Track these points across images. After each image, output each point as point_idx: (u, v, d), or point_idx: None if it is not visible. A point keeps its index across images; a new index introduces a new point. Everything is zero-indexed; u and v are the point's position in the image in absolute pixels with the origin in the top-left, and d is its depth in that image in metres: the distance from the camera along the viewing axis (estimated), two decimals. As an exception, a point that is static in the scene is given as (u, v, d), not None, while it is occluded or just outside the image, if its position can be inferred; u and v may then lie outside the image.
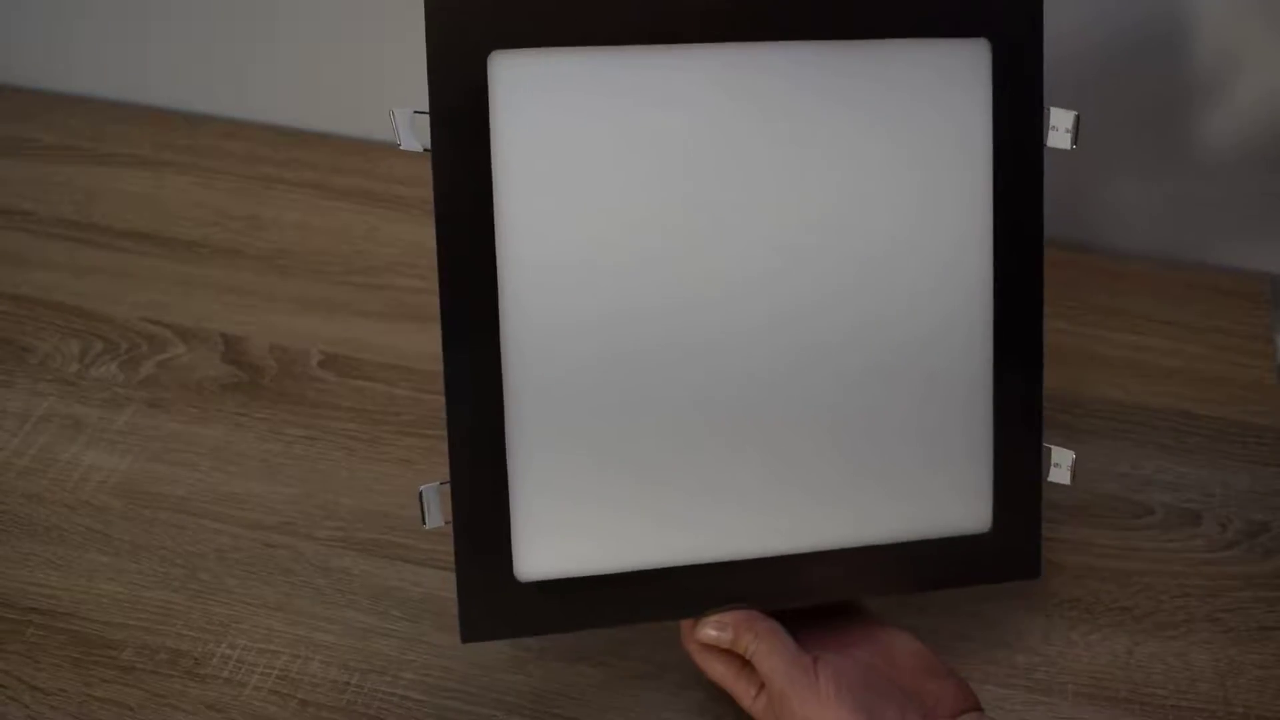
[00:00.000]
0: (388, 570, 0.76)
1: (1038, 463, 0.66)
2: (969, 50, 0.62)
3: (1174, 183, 0.96)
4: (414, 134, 0.59)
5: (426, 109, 0.58)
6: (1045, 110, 0.64)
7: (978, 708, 0.63)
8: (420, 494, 0.63)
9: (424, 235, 0.99)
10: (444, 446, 0.81)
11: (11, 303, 0.93)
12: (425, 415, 0.85)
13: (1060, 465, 0.67)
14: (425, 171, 1.05)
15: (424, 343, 0.90)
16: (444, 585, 0.75)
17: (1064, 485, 0.67)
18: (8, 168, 1.06)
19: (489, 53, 0.58)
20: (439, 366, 0.84)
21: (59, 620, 0.73)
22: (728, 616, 0.64)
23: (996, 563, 0.67)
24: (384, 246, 0.99)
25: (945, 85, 0.62)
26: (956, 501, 0.65)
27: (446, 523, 0.63)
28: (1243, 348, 0.91)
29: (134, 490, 0.80)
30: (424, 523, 0.63)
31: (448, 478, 0.62)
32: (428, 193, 1.03)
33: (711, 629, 0.64)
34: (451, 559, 0.75)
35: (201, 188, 1.04)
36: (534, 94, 0.59)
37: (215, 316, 0.92)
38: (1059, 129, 0.64)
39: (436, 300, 0.93)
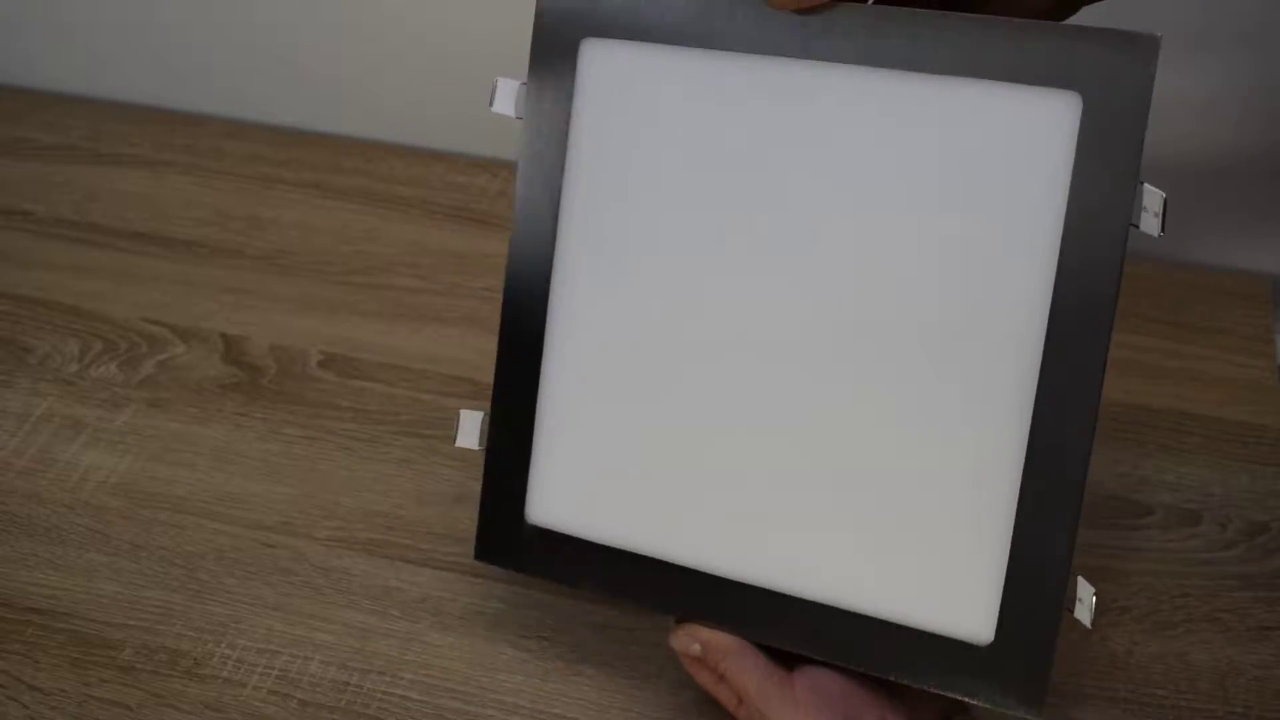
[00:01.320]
0: (387, 570, 0.76)
1: (1062, 584, 0.57)
2: (1056, 103, 0.55)
3: (1174, 183, 0.95)
4: (511, 102, 0.65)
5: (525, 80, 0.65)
6: (1139, 187, 0.55)
7: (964, 710, 0.63)
8: (459, 414, 0.68)
9: (424, 235, 1.00)
10: (443, 447, 0.82)
11: (11, 303, 0.93)
12: (424, 415, 0.85)
13: (1083, 601, 0.57)
14: (425, 172, 1.06)
15: (423, 343, 0.90)
16: (443, 585, 0.75)
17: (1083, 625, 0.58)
18: (8, 168, 1.06)
19: (582, 38, 0.63)
20: (438, 367, 0.84)
21: (58, 620, 0.73)
22: (700, 632, 0.63)
23: (990, 681, 0.58)
24: (384, 246, 0.99)
25: (1022, 138, 0.55)
26: (956, 599, 0.59)
27: (480, 448, 0.67)
28: (1243, 348, 0.91)
29: (133, 490, 0.80)
30: (455, 441, 0.67)
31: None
32: (428, 193, 1.04)
33: (680, 641, 0.63)
34: (450, 560, 0.76)
35: (201, 188, 1.04)
36: (614, 78, 0.63)
37: (215, 316, 0.92)
38: (1149, 210, 0.55)
39: (436, 300, 0.93)
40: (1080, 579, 0.58)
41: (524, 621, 0.73)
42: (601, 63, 0.63)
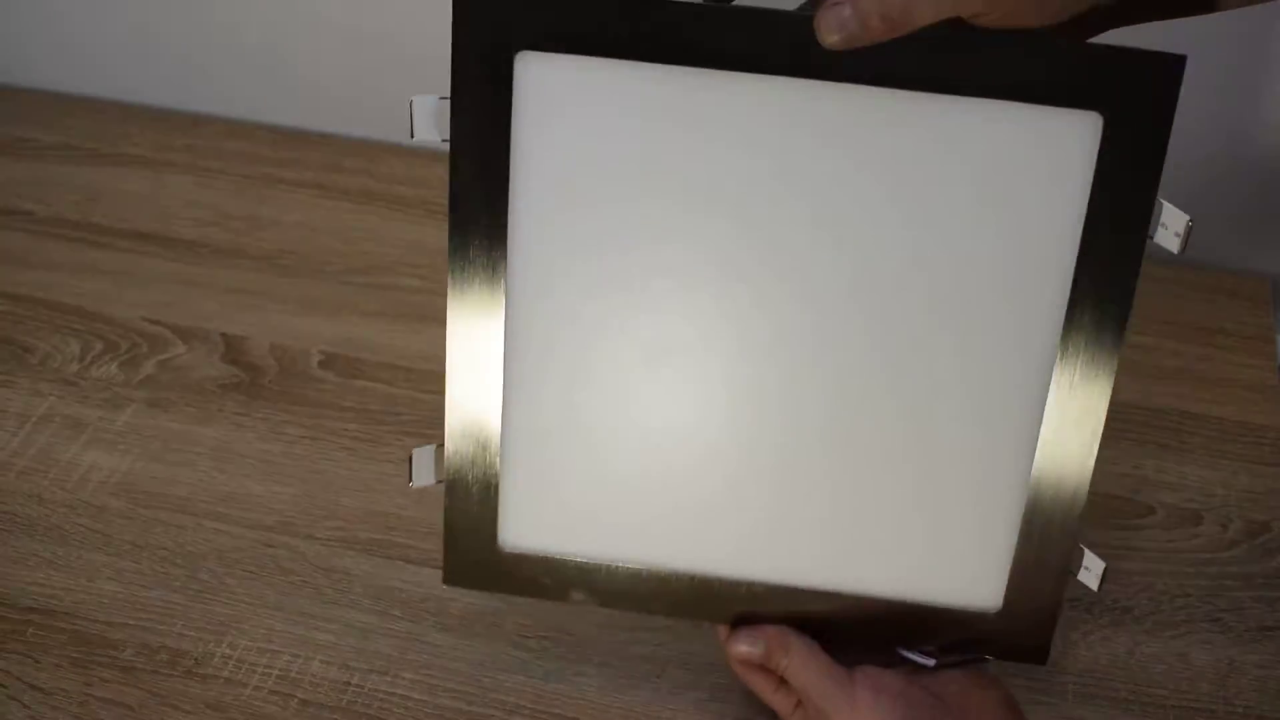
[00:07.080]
0: (388, 570, 0.76)
1: (1068, 554, 0.61)
2: (1076, 123, 0.54)
3: (1174, 183, 0.95)
4: (434, 125, 0.57)
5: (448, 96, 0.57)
6: (1157, 205, 0.56)
7: (1019, 715, 0.62)
8: (410, 456, 0.64)
9: (424, 235, 1.00)
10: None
11: (11, 303, 0.93)
12: (425, 415, 0.85)
13: (1090, 570, 0.62)
14: (426, 172, 1.06)
15: (424, 343, 0.90)
16: (443, 585, 0.74)
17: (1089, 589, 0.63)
18: (8, 168, 1.06)
19: (517, 52, 0.55)
20: (439, 366, 0.83)
21: (59, 620, 0.73)
22: (760, 631, 0.62)
23: (1000, 640, 0.63)
24: (384, 246, 0.99)
25: (1040, 157, 0.55)
26: (968, 573, 0.62)
27: (438, 482, 0.64)
28: (1243, 348, 0.91)
29: (134, 490, 0.80)
30: (410, 481, 0.64)
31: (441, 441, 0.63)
32: (429, 193, 1.04)
33: (743, 644, 0.63)
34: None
35: (201, 188, 1.04)
36: (562, 99, 0.56)
37: (215, 316, 0.92)
38: (1168, 228, 0.56)
39: (437, 300, 0.93)
40: (1090, 552, 0.61)
41: (524, 621, 0.73)
42: (545, 80, 0.56)
